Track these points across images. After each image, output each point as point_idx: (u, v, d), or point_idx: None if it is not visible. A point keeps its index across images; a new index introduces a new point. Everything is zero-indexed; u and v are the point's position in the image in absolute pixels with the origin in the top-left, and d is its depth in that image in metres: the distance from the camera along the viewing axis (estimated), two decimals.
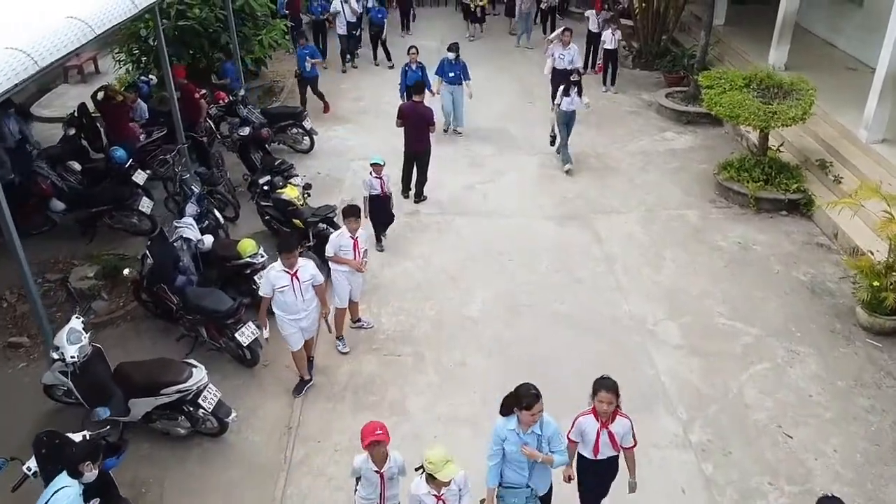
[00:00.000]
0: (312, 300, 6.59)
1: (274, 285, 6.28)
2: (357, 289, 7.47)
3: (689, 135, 12.65)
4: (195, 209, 8.16)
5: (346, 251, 7.13)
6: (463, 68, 12.05)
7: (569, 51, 12.42)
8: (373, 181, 8.77)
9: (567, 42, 12.42)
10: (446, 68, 12.00)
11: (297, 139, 12.00)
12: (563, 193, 10.68)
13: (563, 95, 10.85)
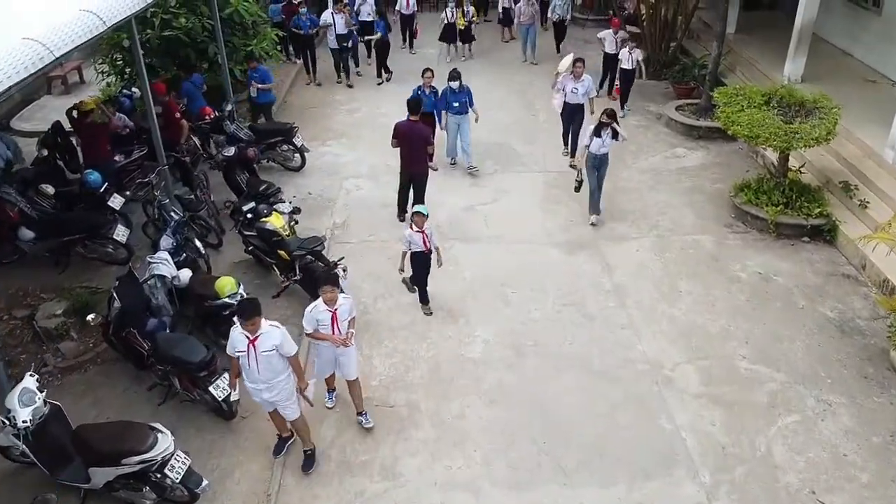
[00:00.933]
0: (279, 373, 5.63)
1: (234, 347, 5.55)
2: (350, 366, 6.26)
3: (701, 151, 12.00)
4: (170, 242, 7.52)
5: (324, 326, 5.94)
6: (468, 94, 10.92)
7: (582, 83, 10.95)
8: (413, 235, 7.44)
9: (580, 74, 10.94)
10: (450, 98, 10.79)
11: (287, 156, 11.36)
12: (569, 216, 10.03)
13: (592, 136, 9.33)
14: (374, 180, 11.13)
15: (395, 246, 9.31)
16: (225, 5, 12.62)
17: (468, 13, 15.93)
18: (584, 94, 11.00)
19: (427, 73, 10.81)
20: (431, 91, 10.83)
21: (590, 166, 9.51)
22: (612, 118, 9.21)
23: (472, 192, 10.79)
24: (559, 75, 11.25)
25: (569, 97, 11.08)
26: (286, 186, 10.96)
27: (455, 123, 10.97)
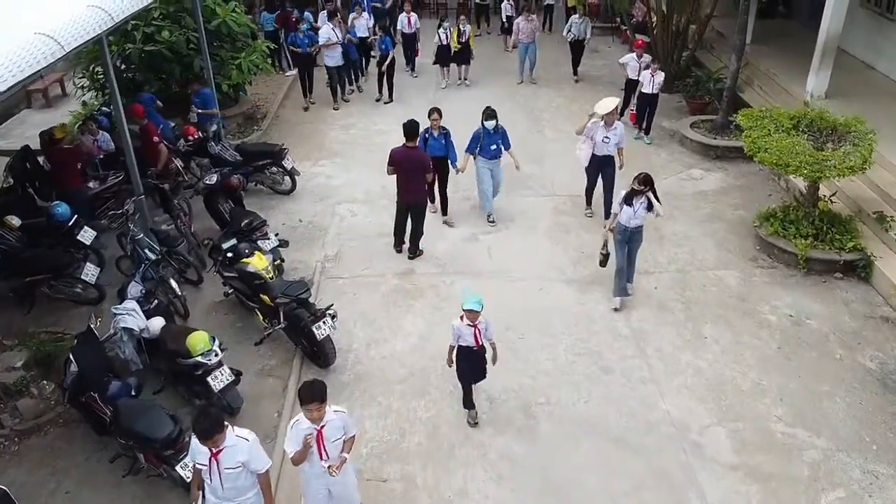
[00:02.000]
0: (247, 490, 4.70)
1: (194, 457, 4.68)
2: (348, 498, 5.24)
3: (719, 172, 11.23)
4: (139, 289, 6.76)
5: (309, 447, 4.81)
6: (504, 135, 9.35)
7: (614, 132, 9.09)
8: (462, 329, 6.19)
9: (612, 122, 9.08)
10: (485, 141, 9.17)
11: (276, 179, 10.59)
12: (580, 247, 9.26)
13: (623, 204, 7.59)
14: (370, 205, 10.36)
15: (392, 281, 8.62)
16: (212, 17, 11.90)
17: (464, 32, 14.42)
18: (616, 145, 9.26)
19: (433, 114, 9.15)
20: (441, 133, 9.23)
21: (619, 240, 7.82)
22: (646, 185, 7.46)
23: (474, 217, 10.02)
24: (592, 118, 9.19)
25: (598, 148, 9.17)
26: (275, 211, 10.25)
27: (487, 169, 9.40)
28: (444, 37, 14.33)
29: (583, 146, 9.34)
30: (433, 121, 9.13)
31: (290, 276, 8.70)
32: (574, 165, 11.54)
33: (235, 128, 12.87)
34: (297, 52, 13.65)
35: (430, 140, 9.14)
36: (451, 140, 9.32)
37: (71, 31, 6.43)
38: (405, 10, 15.11)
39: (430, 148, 9.06)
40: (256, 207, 10.27)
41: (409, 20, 15.05)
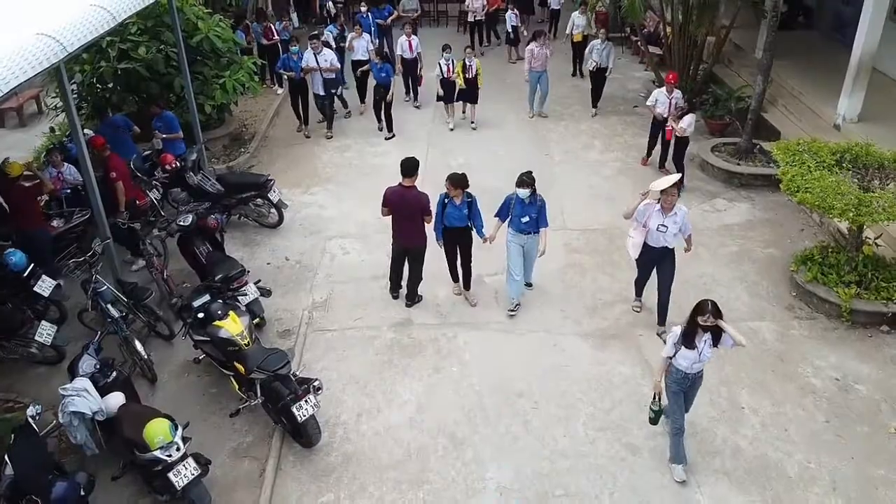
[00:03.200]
0: None
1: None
2: None
3: (744, 203, 10.33)
4: (93, 364, 5.85)
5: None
6: (540, 210, 7.60)
7: (673, 218, 7.05)
8: None
9: (671, 206, 7.01)
10: (517, 210, 7.51)
11: (261, 213, 9.69)
12: (597, 293, 8.37)
13: (680, 344, 5.63)
14: (364, 241, 9.46)
15: (387, 334, 7.71)
16: (194, 32, 11.00)
17: (469, 67, 12.37)
18: (676, 236, 7.23)
19: (451, 185, 7.44)
20: (465, 201, 7.60)
21: (674, 390, 5.78)
22: (715, 316, 5.50)
23: (478, 255, 9.08)
24: (645, 199, 7.15)
25: (652, 237, 7.18)
26: (260, 248, 9.35)
27: (519, 245, 7.72)
28: (446, 68, 12.41)
29: (633, 234, 7.36)
30: (454, 194, 7.49)
31: (274, 327, 7.84)
32: (585, 192, 10.73)
33: (221, 150, 11.97)
34: (291, 76, 12.32)
35: (448, 207, 7.56)
36: (477, 207, 7.71)
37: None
38: (405, 32, 13.41)
39: (449, 217, 7.59)
40: (240, 243, 9.45)
41: (410, 44, 13.30)
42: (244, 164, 11.60)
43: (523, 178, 7.47)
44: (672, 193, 6.97)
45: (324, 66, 11.93)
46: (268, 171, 11.45)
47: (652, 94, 10.88)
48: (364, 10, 14.92)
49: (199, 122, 10.80)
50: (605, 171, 11.37)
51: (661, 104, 10.63)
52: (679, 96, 10.58)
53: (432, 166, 11.09)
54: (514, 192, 7.50)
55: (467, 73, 12.34)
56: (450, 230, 7.75)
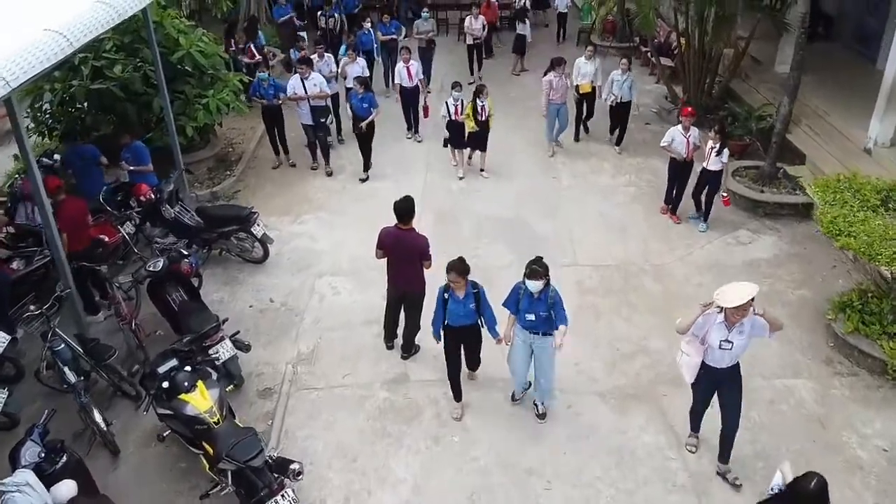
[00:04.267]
0: None
1: None
2: None
3: (770, 235, 9.51)
4: (37, 451, 5.05)
5: None
6: (552, 307, 5.99)
7: (740, 333, 5.43)
8: None
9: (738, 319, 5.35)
10: (524, 304, 5.99)
11: (245, 247, 8.89)
12: (613, 342, 7.57)
13: None
14: (357, 279, 8.65)
15: (380, 393, 6.92)
16: (175, 48, 10.20)
17: (482, 108, 10.57)
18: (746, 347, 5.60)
19: (453, 273, 6.00)
20: (471, 291, 6.16)
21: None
22: None
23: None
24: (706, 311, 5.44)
25: (713, 356, 5.54)
26: (242, 287, 8.55)
27: (525, 344, 6.20)
28: (453, 109, 10.69)
29: (687, 350, 5.65)
30: (455, 281, 6.03)
31: (254, 384, 7.05)
32: (596, 222, 9.92)
33: (205, 173, 11.16)
34: (263, 103, 11.04)
35: (450, 303, 6.12)
36: (487, 299, 6.23)
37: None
38: (402, 58, 11.92)
39: (453, 315, 6.15)
40: (221, 281, 8.65)
41: (410, 71, 11.84)
42: (229, 189, 10.80)
43: (535, 267, 5.88)
44: (746, 308, 5.18)
45: (312, 93, 10.69)
46: (255, 195, 10.71)
47: (667, 134, 9.46)
48: (367, 27, 13.79)
49: (179, 146, 10.03)
50: (616, 198, 10.56)
51: (679, 143, 9.30)
52: (696, 135, 9.34)
53: (430, 201, 10.38)
54: (522, 281, 6.01)
55: (479, 116, 10.59)
56: (454, 329, 6.29)
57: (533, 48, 16.47)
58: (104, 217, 8.31)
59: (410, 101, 12.27)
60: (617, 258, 9.02)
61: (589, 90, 11.84)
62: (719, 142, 9.06)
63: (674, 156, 9.48)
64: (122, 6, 7.16)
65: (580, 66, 11.72)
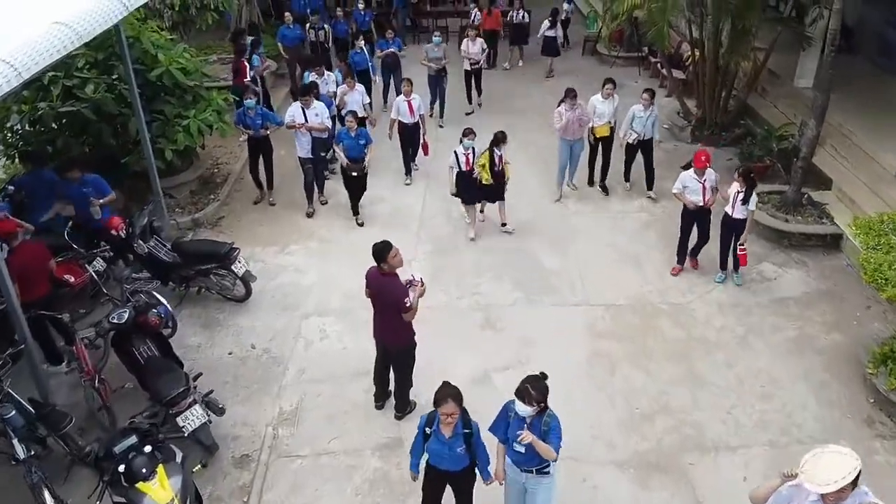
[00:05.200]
0: None
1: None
2: None
3: (796, 269, 8.76)
4: None
5: None
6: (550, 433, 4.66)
7: None
8: None
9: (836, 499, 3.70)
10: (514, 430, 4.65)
11: (225, 285, 8.14)
12: (631, 398, 6.82)
13: None
14: (347, 320, 7.90)
15: (370, 462, 6.19)
16: (154, 64, 9.46)
17: (499, 159, 8.97)
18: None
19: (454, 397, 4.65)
20: (459, 433, 4.78)
21: None
22: None
23: (484, 343, 7.58)
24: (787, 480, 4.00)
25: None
26: (221, 331, 7.83)
27: (517, 483, 4.98)
28: (464, 160, 9.00)
29: None
30: (445, 416, 4.64)
31: (230, 450, 6.31)
32: (607, 253, 9.18)
33: (188, 196, 10.41)
34: (249, 133, 9.80)
35: (432, 441, 4.82)
36: (480, 438, 4.88)
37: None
38: (404, 90, 10.48)
39: (436, 456, 4.86)
40: (198, 324, 7.93)
41: (411, 106, 10.34)
42: (213, 216, 10.06)
43: (527, 388, 4.56)
44: (846, 490, 3.69)
45: (314, 124, 9.59)
46: (240, 222, 9.98)
47: (678, 180, 8.30)
48: (359, 46, 12.71)
49: (158, 170, 9.29)
50: (628, 224, 9.82)
51: (693, 191, 8.15)
52: (714, 178, 8.18)
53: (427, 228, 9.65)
54: (512, 401, 4.72)
55: (496, 166, 8.99)
56: (438, 470, 4.98)
57: (535, 59, 15.81)
58: (70, 255, 7.55)
59: (410, 140, 10.69)
60: (631, 296, 8.28)
61: (606, 133, 10.18)
62: (745, 186, 7.88)
63: (687, 204, 8.22)
64: (84, 27, 6.39)
65: (596, 105, 10.02)
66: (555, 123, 9.97)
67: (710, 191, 8.14)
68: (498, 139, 8.97)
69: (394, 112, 10.48)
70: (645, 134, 9.94)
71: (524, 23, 15.67)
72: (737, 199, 7.95)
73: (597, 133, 10.17)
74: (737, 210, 7.99)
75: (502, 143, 8.98)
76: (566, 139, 10.01)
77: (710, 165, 8.11)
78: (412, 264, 9.01)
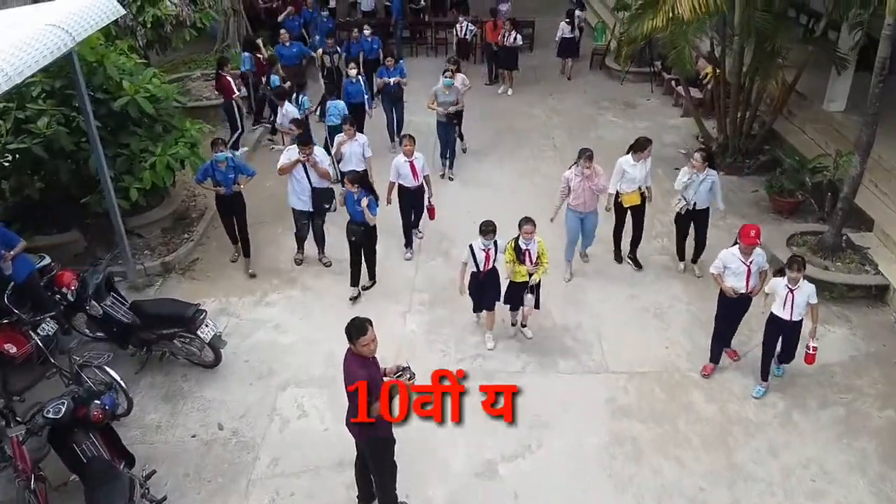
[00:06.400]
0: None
1: None
2: None
3: (839, 325, 7.75)
4: None
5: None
6: None
7: None
8: None
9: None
10: None
11: (191, 351, 7.13)
12: (664, 499, 5.80)
13: None
14: (330, 392, 6.84)
15: None
16: (118, 92, 8.49)
17: (528, 249, 6.99)
18: None
19: None
20: None
21: None
22: None
23: (487, 429, 6.49)
24: None
25: None
26: (184, 405, 6.88)
27: None
28: (485, 258, 7.07)
29: None
30: None
31: None
32: (627, 307, 8.16)
33: (159, 236, 9.41)
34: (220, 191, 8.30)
35: None
36: None
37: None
38: (404, 149, 8.49)
39: None
40: (159, 396, 6.98)
41: (414, 168, 8.45)
42: (185, 259, 9.05)
43: None
44: None
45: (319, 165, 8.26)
46: (215, 266, 8.98)
47: (717, 259, 6.72)
48: (354, 75, 11.09)
49: (122, 211, 8.31)
50: (649, 273, 8.78)
51: (736, 274, 6.55)
52: (762, 259, 6.61)
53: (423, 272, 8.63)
54: None
55: (524, 259, 6.96)
56: None
57: (538, 72, 14.85)
58: (11, 321, 6.56)
59: (413, 207, 8.84)
60: (656, 361, 7.27)
61: (637, 202, 8.30)
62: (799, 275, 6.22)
63: (726, 290, 6.64)
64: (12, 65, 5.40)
65: (624, 166, 8.12)
66: (560, 189, 8.13)
67: (755, 275, 6.60)
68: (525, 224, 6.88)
69: (393, 174, 8.55)
70: (700, 201, 8.05)
71: (516, 46, 14.21)
72: (790, 298, 6.29)
73: (625, 202, 8.30)
74: (793, 310, 6.30)
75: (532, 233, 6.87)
76: (577, 212, 8.14)
77: (760, 243, 6.54)
78: (406, 317, 8.07)
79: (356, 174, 7.91)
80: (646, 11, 8.90)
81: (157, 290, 8.56)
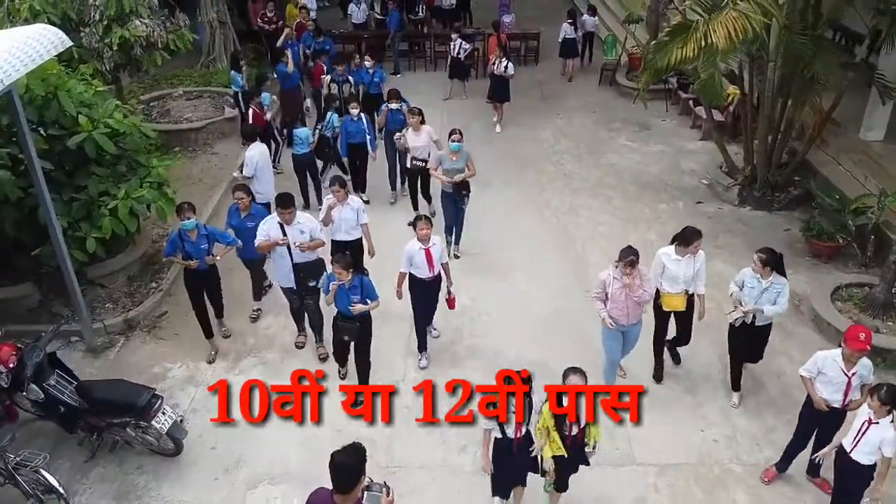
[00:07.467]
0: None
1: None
2: None
3: None
4: None
5: None
6: None
7: None
8: None
9: None
10: None
11: (147, 440, 6.10)
12: None
13: None
14: (305, 489, 5.72)
15: None
16: (73, 129, 7.47)
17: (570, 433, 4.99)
18: None
19: None
20: None
21: None
22: None
23: None
24: None
25: None
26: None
27: None
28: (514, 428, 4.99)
29: None
30: None
31: None
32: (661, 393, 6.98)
33: (123, 285, 8.40)
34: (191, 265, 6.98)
35: None
36: None
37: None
38: (419, 234, 6.73)
39: None
40: (111, 494, 6.11)
41: (430, 256, 6.77)
42: (151, 313, 8.03)
43: None
44: None
45: (300, 242, 6.81)
46: (185, 323, 7.90)
47: (811, 361, 5.42)
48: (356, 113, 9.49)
49: (77, 265, 7.31)
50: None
51: (832, 384, 5.30)
52: (867, 373, 5.28)
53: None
54: None
55: (566, 430, 4.96)
56: None
57: (544, 89, 13.83)
58: None
59: (427, 300, 7.16)
60: (691, 450, 6.24)
61: (681, 307, 6.57)
62: (885, 412, 4.82)
63: (816, 401, 5.38)
64: None
65: (665, 261, 6.45)
66: (594, 299, 6.34)
67: (856, 389, 5.29)
68: (570, 375, 4.90)
69: (405, 263, 6.85)
70: (758, 316, 6.26)
71: (506, 76, 12.47)
72: (863, 435, 4.94)
73: (665, 304, 6.59)
74: (864, 451, 4.96)
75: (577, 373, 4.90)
76: (616, 323, 6.21)
77: (870, 349, 5.18)
78: (399, 385, 7.05)
79: (347, 260, 6.23)
80: (673, 39, 7.85)
81: (118, 351, 7.56)
